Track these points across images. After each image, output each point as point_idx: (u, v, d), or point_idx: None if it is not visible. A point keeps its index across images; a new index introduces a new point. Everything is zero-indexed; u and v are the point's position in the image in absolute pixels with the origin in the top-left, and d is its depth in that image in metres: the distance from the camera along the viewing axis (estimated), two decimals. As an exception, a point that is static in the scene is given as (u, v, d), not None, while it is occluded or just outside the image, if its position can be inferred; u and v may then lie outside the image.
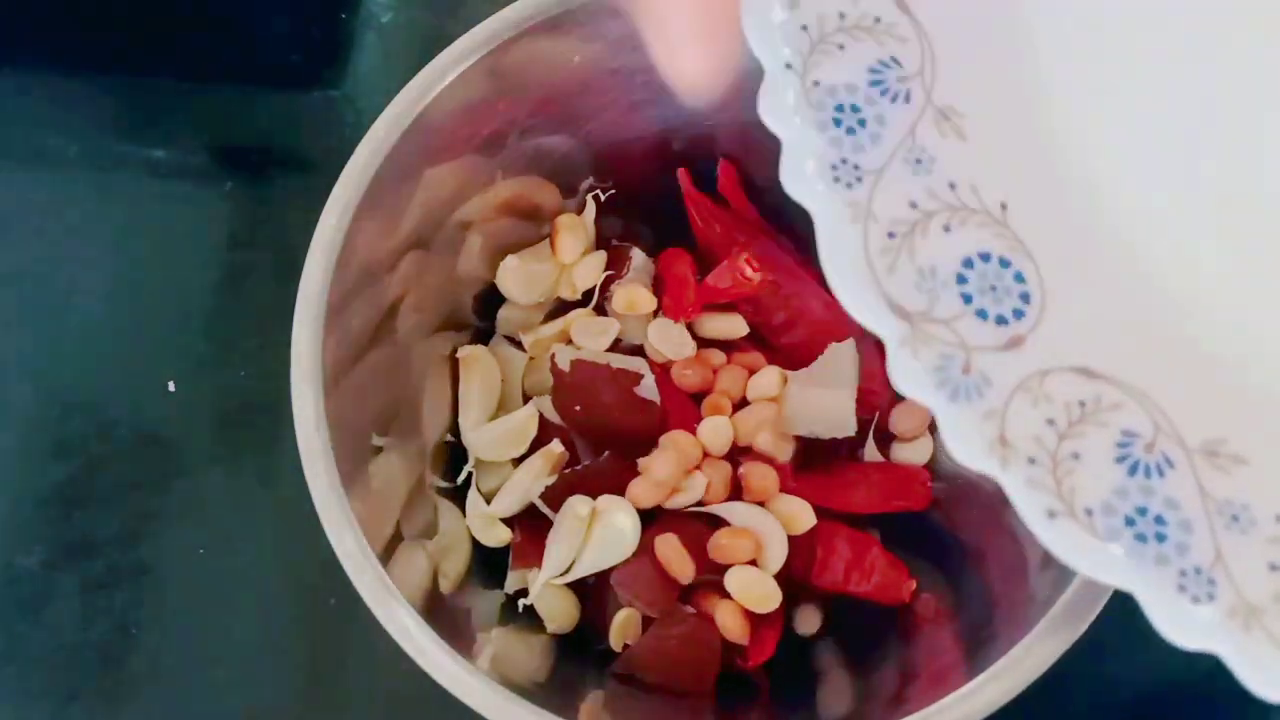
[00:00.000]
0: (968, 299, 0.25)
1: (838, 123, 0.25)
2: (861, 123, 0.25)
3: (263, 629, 0.39)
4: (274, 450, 0.40)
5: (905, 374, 0.24)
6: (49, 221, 0.44)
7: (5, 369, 0.42)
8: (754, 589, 0.34)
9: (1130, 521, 0.24)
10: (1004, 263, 0.26)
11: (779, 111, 0.25)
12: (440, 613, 0.32)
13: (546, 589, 0.35)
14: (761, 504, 0.36)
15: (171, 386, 0.41)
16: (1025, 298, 0.25)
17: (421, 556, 0.34)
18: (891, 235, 0.25)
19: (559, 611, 0.36)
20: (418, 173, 0.33)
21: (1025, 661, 0.28)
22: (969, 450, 0.24)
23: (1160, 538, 0.24)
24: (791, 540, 0.35)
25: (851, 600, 0.36)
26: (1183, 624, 0.23)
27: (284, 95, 0.46)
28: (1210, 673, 0.39)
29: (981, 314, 0.25)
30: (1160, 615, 0.23)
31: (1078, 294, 0.26)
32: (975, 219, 0.26)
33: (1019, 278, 0.25)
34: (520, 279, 0.38)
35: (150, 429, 0.41)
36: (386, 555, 0.30)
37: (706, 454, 0.36)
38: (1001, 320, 0.25)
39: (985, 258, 0.25)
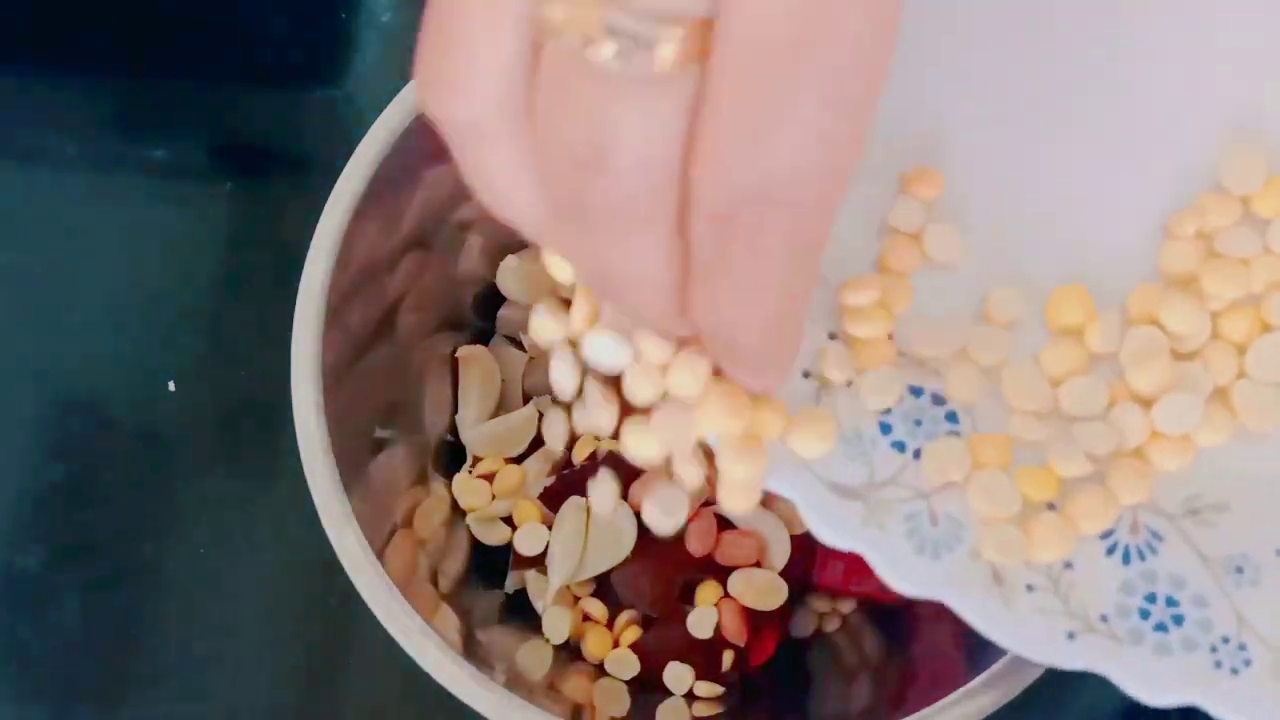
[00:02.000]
0: (900, 446, 0.24)
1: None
2: None
3: (263, 629, 0.39)
4: (274, 450, 0.40)
5: (880, 552, 0.22)
6: (49, 221, 0.44)
7: (5, 369, 0.42)
8: (759, 586, 0.34)
9: (1145, 614, 0.23)
10: (916, 391, 0.24)
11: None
12: (440, 613, 0.32)
13: (556, 609, 0.35)
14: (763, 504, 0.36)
15: (171, 386, 0.41)
16: (953, 418, 0.24)
17: (421, 556, 0.34)
18: None
19: (565, 629, 0.36)
20: (418, 173, 0.33)
21: (1025, 662, 0.28)
22: (970, 603, 0.22)
23: (1178, 620, 0.22)
24: (792, 540, 0.35)
25: (852, 600, 0.36)
26: (1242, 708, 0.22)
27: (284, 95, 0.46)
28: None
29: (921, 455, 0.24)
30: (1219, 706, 0.21)
31: (998, 396, 0.25)
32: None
33: (937, 400, 0.24)
34: (520, 279, 0.38)
35: (150, 429, 0.41)
36: (387, 555, 0.30)
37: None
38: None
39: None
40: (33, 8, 0.46)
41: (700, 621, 0.34)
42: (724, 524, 0.35)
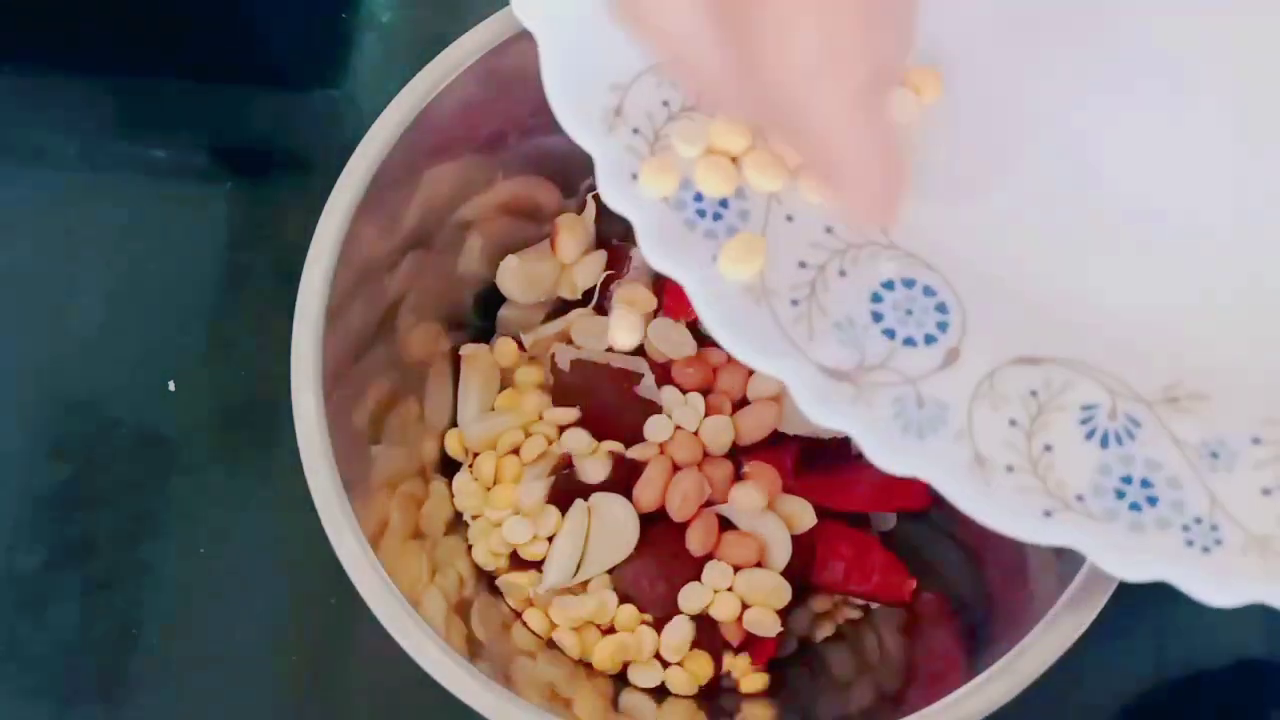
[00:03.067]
0: (890, 333, 0.24)
1: (701, 214, 0.24)
2: (723, 202, 0.25)
3: (263, 629, 0.39)
4: (274, 450, 0.40)
5: (868, 430, 0.23)
6: (49, 221, 0.44)
7: (5, 369, 0.42)
8: (763, 587, 0.34)
9: (1120, 494, 0.23)
10: (908, 283, 0.25)
11: (644, 226, 0.24)
12: (440, 613, 0.32)
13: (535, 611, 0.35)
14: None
15: (171, 386, 0.41)
16: (943, 308, 0.25)
17: (422, 556, 0.34)
18: (796, 302, 0.24)
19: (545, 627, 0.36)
20: (418, 173, 0.33)
21: (1025, 661, 0.28)
22: (952, 481, 0.23)
23: (1153, 500, 0.23)
24: (793, 540, 0.35)
25: (851, 600, 0.36)
26: (1211, 582, 0.22)
27: (284, 95, 0.46)
28: (1209, 673, 0.39)
29: (910, 341, 0.24)
30: (1190, 581, 0.22)
31: (988, 289, 0.25)
32: (864, 253, 0.25)
33: (928, 291, 0.25)
34: (520, 279, 0.38)
35: (150, 429, 0.41)
36: (387, 555, 0.30)
37: (707, 454, 0.36)
38: (930, 339, 0.24)
39: (890, 285, 0.25)
40: (33, 8, 0.47)
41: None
42: (725, 524, 0.35)
